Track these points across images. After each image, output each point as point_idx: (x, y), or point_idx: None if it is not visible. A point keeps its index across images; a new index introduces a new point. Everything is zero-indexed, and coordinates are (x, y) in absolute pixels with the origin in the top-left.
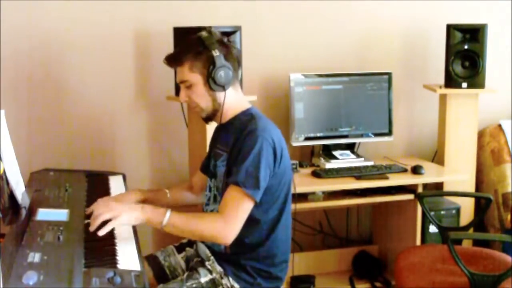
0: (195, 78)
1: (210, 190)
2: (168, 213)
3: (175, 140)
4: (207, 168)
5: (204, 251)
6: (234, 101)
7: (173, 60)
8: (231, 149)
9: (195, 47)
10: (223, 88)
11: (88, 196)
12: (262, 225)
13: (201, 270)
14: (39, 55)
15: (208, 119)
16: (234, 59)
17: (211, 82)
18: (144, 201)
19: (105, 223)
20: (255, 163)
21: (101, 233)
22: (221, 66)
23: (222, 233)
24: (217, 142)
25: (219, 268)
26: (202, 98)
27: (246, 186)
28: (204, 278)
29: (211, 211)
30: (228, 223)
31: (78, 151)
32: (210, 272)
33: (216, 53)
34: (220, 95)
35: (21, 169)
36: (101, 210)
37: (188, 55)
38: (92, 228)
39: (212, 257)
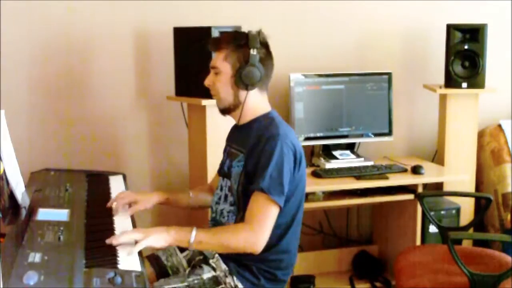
0: (226, 67)
1: (221, 189)
2: (194, 230)
3: (175, 140)
4: (221, 168)
5: None
6: (256, 103)
7: (214, 44)
8: (249, 151)
9: (239, 40)
10: (246, 87)
11: (88, 196)
12: (274, 230)
13: (205, 267)
14: (39, 55)
15: (224, 111)
16: (271, 65)
17: (238, 77)
18: (166, 201)
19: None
20: (278, 168)
21: (135, 250)
22: (253, 65)
23: (252, 242)
24: (233, 142)
25: (223, 266)
26: (224, 88)
27: (271, 192)
28: (207, 275)
29: (222, 210)
30: (256, 232)
31: (78, 151)
32: (214, 269)
33: (254, 52)
34: (242, 93)
35: (21, 169)
36: (130, 231)
37: (229, 44)
38: (114, 242)
39: (216, 255)
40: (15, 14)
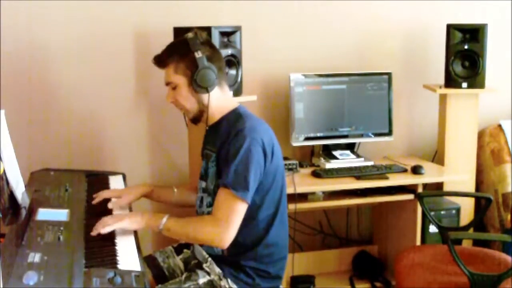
0: (179, 80)
1: (199, 192)
2: (165, 217)
3: (175, 140)
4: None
5: (201, 252)
6: (221, 101)
7: (158, 62)
8: (219, 149)
9: (180, 49)
10: (207, 90)
11: (88, 196)
12: (258, 224)
13: (199, 272)
14: (39, 55)
15: (195, 120)
16: (220, 59)
17: (194, 84)
18: (150, 194)
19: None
20: (244, 164)
21: (103, 231)
22: (203, 68)
23: (218, 237)
24: (207, 143)
25: (217, 270)
26: (187, 100)
27: (235, 188)
28: (202, 279)
29: (202, 212)
30: (222, 227)
31: (78, 151)
32: (208, 274)
33: (198, 54)
34: (204, 96)
35: (21, 169)
36: (106, 218)
37: (172, 57)
38: (93, 233)
39: (209, 259)
40: (15, 14)
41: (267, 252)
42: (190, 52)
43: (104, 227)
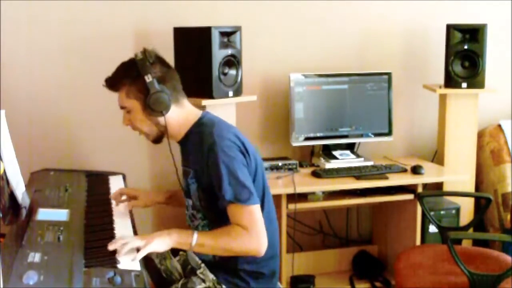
0: (133, 104)
1: (187, 209)
2: (196, 234)
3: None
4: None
5: (193, 258)
6: (181, 118)
7: (110, 86)
8: (196, 166)
9: (130, 73)
10: (161, 113)
11: (88, 196)
12: None
13: (195, 279)
14: (39, 55)
15: (156, 141)
16: (173, 77)
17: (148, 108)
18: (168, 202)
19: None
20: (232, 173)
21: (139, 257)
22: (155, 92)
23: (252, 246)
24: (182, 160)
25: (211, 276)
26: (143, 123)
27: (239, 199)
28: (199, 286)
29: (197, 225)
30: (253, 235)
31: (78, 151)
32: (203, 281)
33: (149, 78)
34: (161, 119)
35: (21, 169)
36: (130, 238)
37: (123, 81)
38: (118, 256)
39: (202, 265)
40: (15, 14)
41: None
42: (140, 76)
43: (126, 249)
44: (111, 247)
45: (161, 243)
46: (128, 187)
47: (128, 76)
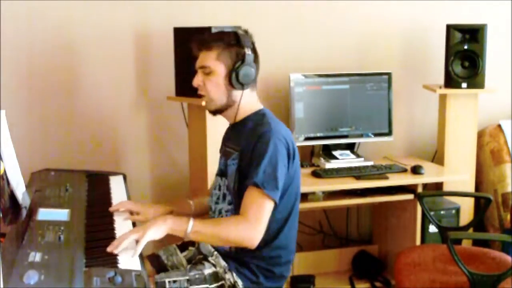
0: (219, 67)
1: (219, 189)
2: (191, 220)
3: (175, 140)
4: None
5: (207, 248)
6: (249, 101)
7: (202, 42)
8: (243, 149)
9: (229, 39)
10: (243, 86)
11: (89, 196)
12: (270, 227)
13: (206, 263)
14: (39, 55)
15: (216, 112)
16: (258, 64)
17: (234, 77)
18: (171, 212)
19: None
20: (272, 164)
21: (137, 252)
22: (249, 64)
23: (248, 236)
24: (228, 141)
25: (223, 263)
26: (217, 89)
27: (265, 187)
28: (208, 270)
29: (220, 209)
30: (252, 225)
31: (78, 151)
32: (214, 266)
33: (248, 51)
34: (237, 93)
35: (21, 169)
36: (129, 233)
37: (219, 42)
38: (115, 250)
39: (215, 253)
40: (15, 14)
41: (275, 255)
42: (239, 46)
43: (124, 242)
44: (109, 249)
45: (156, 230)
46: (130, 202)
47: (226, 41)
